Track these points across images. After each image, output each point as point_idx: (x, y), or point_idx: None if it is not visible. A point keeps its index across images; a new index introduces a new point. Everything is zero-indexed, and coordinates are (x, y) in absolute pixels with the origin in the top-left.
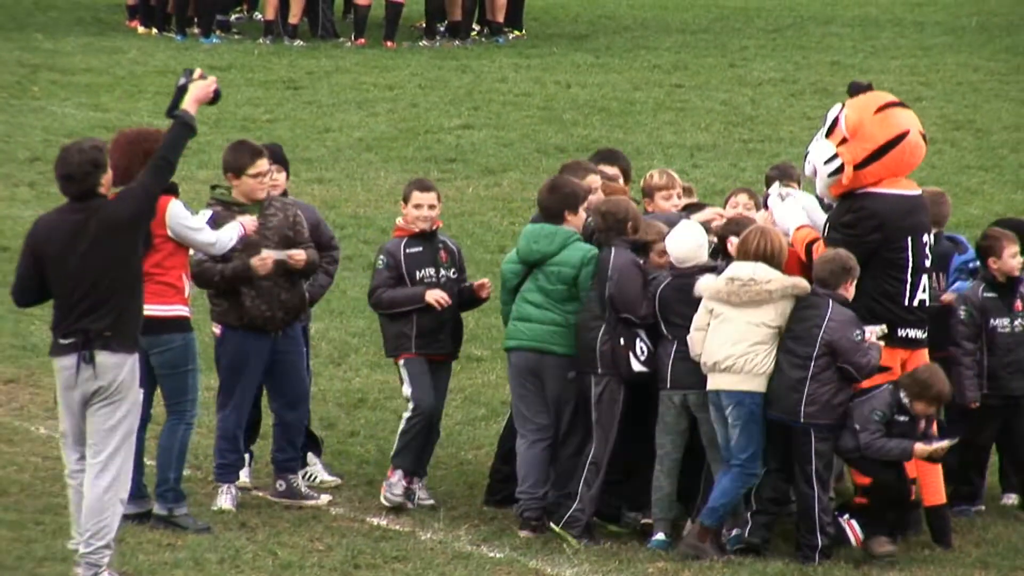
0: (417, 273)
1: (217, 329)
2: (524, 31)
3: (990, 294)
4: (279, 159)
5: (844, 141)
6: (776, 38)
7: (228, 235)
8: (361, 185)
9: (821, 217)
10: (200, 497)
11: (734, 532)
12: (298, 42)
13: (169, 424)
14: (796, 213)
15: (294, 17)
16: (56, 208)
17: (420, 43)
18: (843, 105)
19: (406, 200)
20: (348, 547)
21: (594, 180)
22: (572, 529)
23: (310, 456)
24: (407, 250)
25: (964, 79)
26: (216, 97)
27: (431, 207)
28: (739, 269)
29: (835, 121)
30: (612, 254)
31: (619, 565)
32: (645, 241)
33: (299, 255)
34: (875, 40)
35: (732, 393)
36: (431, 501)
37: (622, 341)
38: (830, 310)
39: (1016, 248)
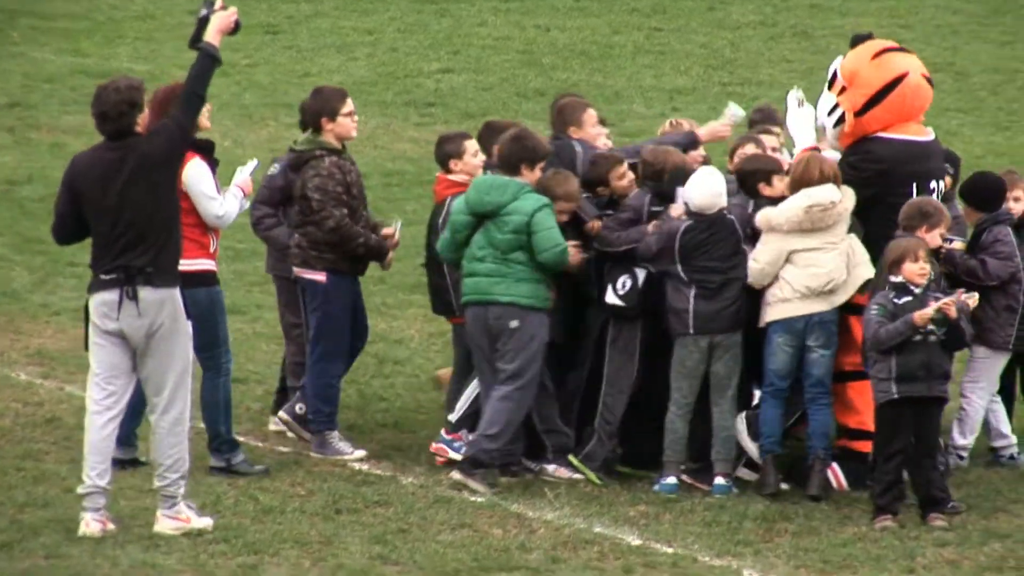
0: None
1: (321, 276)
2: None
3: None
4: None
5: (843, 90)
6: None
7: (232, 207)
8: None
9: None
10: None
11: (718, 480)
12: None
13: (207, 378)
14: (808, 130)
15: None
16: (92, 146)
17: None
18: (842, 57)
19: (460, 154)
20: (329, 492)
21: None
22: (590, 463)
23: None
24: None
25: (944, 21)
26: (237, 27)
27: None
28: (816, 194)
29: (834, 73)
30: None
31: (600, 509)
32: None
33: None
34: None
35: (828, 313)
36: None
37: (607, 270)
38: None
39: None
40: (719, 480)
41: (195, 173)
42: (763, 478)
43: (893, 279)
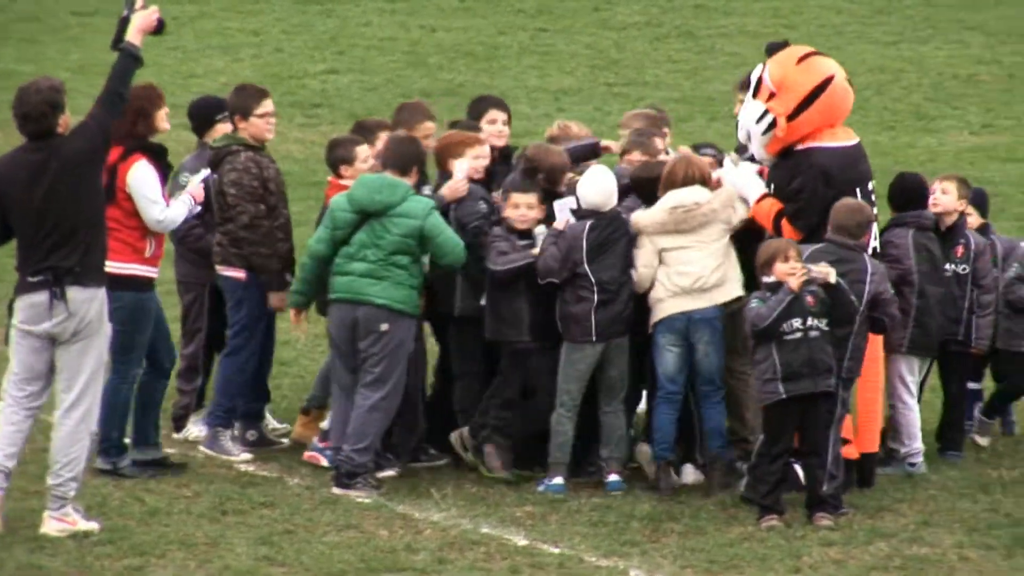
0: None
1: (240, 274)
2: None
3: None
4: None
5: (772, 96)
6: None
7: (178, 213)
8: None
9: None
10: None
11: (613, 476)
12: None
13: (112, 380)
14: (755, 180)
15: None
16: (14, 148)
17: None
18: (764, 65)
19: (351, 160)
20: (216, 493)
21: (429, 127)
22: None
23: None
24: None
25: (828, 21)
26: (160, 26)
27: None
28: (678, 197)
29: (759, 80)
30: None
31: (487, 509)
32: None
33: None
34: None
35: (709, 311)
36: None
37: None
38: (868, 263)
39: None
40: (613, 477)
41: (139, 176)
42: (657, 483)
43: (766, 279)
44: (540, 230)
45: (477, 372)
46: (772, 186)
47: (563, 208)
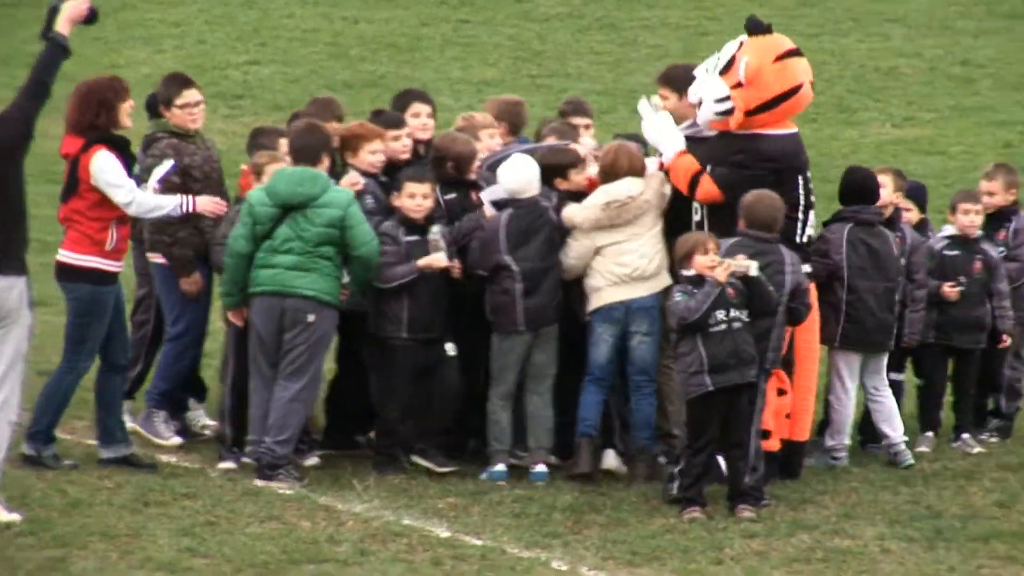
0: None
1: (162, 259)
2: None
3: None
4: None
5: (739, 85)
6: None
7: (153, 202)
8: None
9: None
10: None
11: (539, 467)
12: None
13: (59, 370)
14: (675, 133)
15: None
16: None
17: None
18: (741, 44)
19: (274, 150)
20: (137, 484)
21: (335, 127)
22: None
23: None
24: None
25: (750, 13)
26: (91, 16)
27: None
28: (613, 191)
29: (732, 61)
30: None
31: (409, 501)
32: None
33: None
34: None
35: (648, 299)
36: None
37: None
38: (785, 254)
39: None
40: (538, 468)
41: (99, 164)
42: (576, 459)
43: (686, 272)
44: (435, 231)
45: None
46: (707, 154)
47: (486, 198)
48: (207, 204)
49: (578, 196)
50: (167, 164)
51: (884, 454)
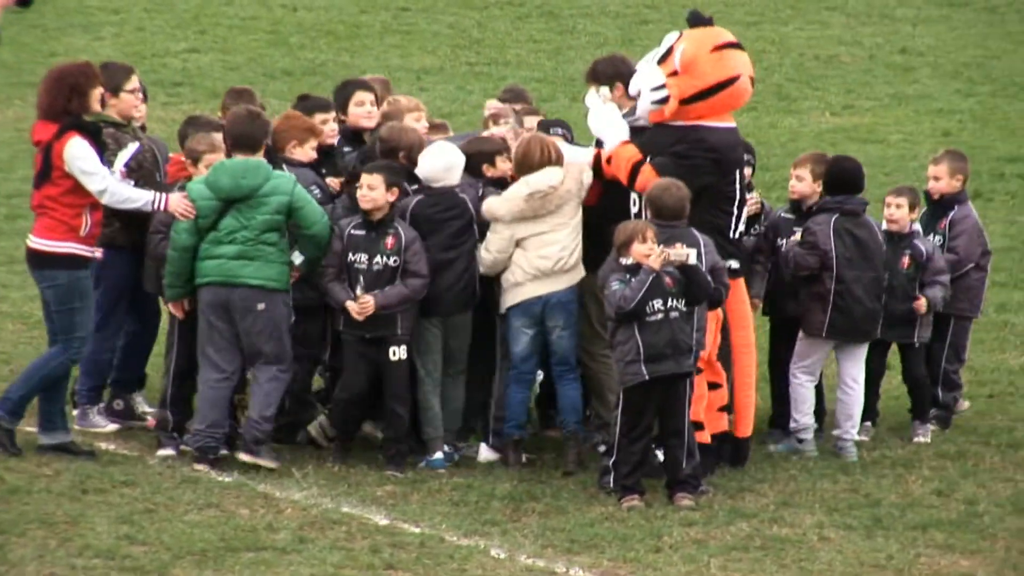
0: None
1: (98, 252)
2: None
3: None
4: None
5: (675, 74)
6: None
7: (127, 193)
8: None
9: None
10: None
11: (436, 455)
12: None
13: (51, 352)
14: (620, 123)
15: None
16: None
17: None
18: (680, 34)
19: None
20: (76, 472)
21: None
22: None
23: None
24: None
25: (689, 2)
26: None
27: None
28: (535, 181)
29: (670, 51)
30: None
31: (348, 489)
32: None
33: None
34: None
35: (565, 293)
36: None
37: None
38: (699, 236)
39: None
40: (437, 455)
41: (74, 150)
42: (507, 459)
43: (624, 261)
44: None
45: (313, 356)
46: (647, 144)
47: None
48: (178, 205)
49: (505, 184)
50: (132, 147)
51: (824, 442)
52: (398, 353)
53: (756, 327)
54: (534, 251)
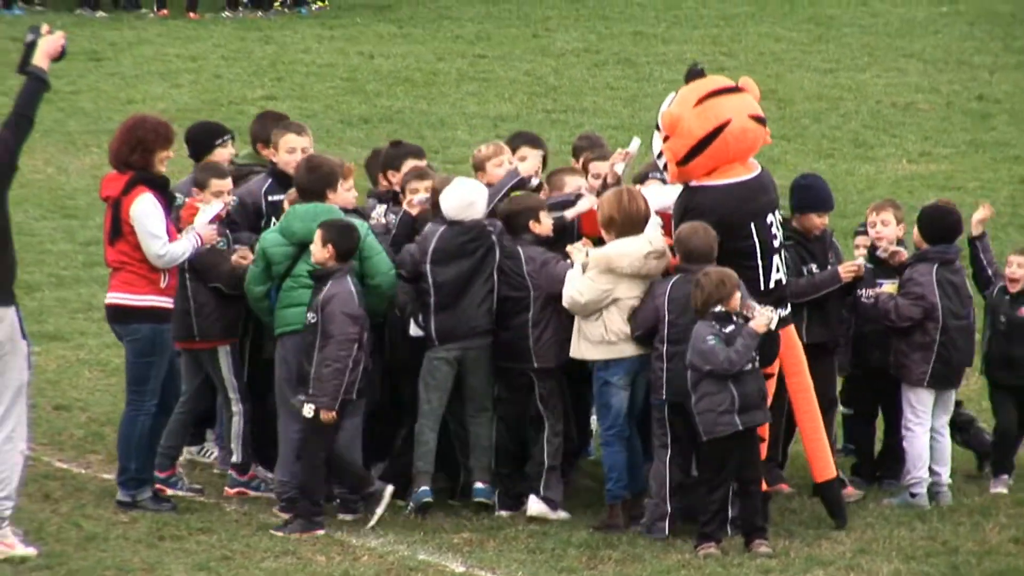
0: None
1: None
2: (327, 2)
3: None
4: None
5: (667, 138)
6: (579, 8)
7: (179, 250)
8: None
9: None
10: None
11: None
12: (100, 13)
13: (128, 414)
14: (659, 195)
15: None
16: None
17: (223, 14)
18: (675, 94)
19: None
20: (153, 519)
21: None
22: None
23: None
24: None
25: (766, 49)
26: (63, 53)
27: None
28: (655, 239)
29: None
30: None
31: (424, 536)
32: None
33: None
34: (677, 10)
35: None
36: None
37: (404, 304)
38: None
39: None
40: (479, 485)
41: (141, 209)
42: (614, 521)
43: (715, 310)
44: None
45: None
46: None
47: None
48: (209, 235)
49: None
50: (216, 205)
51: (899, 490)
52: (305, 410)
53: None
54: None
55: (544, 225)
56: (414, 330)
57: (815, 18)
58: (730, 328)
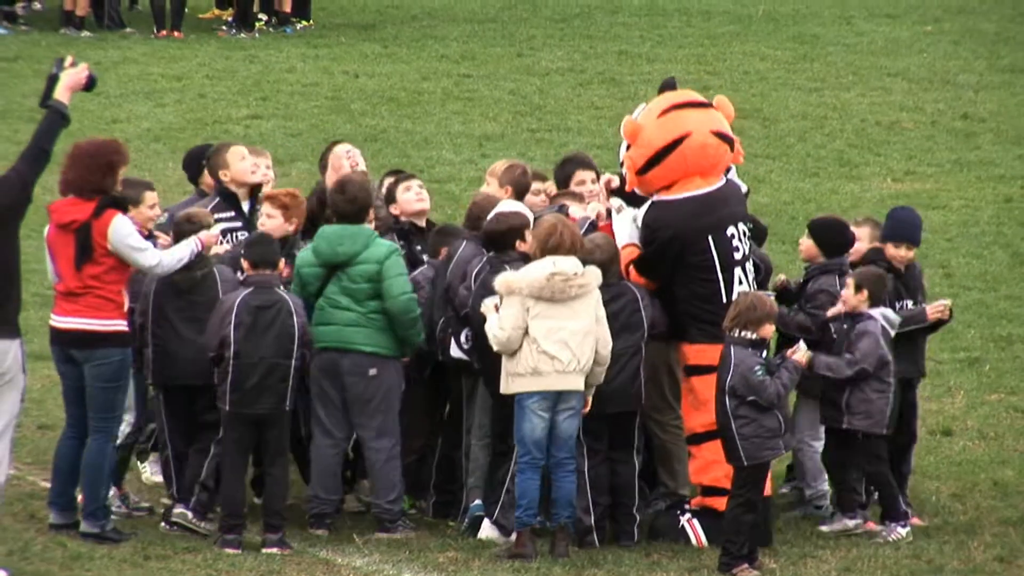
0: None
1: None
2: (312, 21)
3: None
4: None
5: (630, 146)
6: (564, 27)
7: (176, 256)
8: (150, 176)
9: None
10: None
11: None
12: (85, 32)
13: (95, 442)
14: (624, 228)
15: (80, 9)
16: None
17: (241, 34)
18: (645, 105)
19: (138, 203)
20: (138, 538)
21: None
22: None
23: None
24: None
25: (751, 68)
26: (90, 83)
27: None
28: (562, 264)
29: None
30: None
31: (409, 555)
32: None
33: None
34: (662, 29)
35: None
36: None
37: (444, 324)
38: (637, 290)
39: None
40: (477, 501)
41: (118, 228)
42: (523, 549)
43: (747, 335)
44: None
45: None
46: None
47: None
48: (210, 239)
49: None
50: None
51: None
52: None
53: None
54: (550, 337)
55: (530, 243)
56: (455, 351)
57: (800, 37)
58: (766, 354)
